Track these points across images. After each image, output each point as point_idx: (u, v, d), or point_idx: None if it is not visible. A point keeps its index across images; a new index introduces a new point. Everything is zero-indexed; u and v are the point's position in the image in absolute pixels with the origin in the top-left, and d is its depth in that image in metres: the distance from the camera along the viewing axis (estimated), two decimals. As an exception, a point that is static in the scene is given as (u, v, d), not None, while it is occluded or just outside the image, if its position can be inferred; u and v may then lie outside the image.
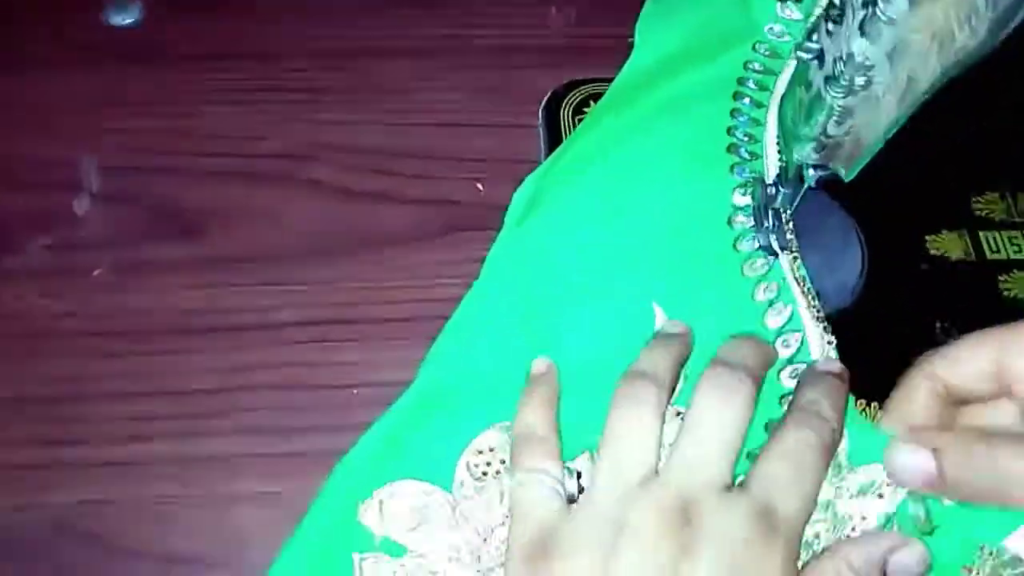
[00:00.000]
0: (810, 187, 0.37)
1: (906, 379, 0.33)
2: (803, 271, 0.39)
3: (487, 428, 0.36)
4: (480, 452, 0.36)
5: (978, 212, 0.44)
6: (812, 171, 0.36)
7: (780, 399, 0.36)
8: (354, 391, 0.39)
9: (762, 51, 0.45)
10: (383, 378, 0.39)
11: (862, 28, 0.30)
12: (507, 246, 0.41)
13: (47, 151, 0.44)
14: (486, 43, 0.48)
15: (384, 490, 0.35)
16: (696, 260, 0.40)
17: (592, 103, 0.45)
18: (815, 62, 0.33)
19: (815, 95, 0.33)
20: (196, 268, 0.42)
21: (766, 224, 0.40)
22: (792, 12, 0.45)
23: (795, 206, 0.39)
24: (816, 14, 0.43)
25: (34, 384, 0.39)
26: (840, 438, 0.33)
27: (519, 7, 0.50)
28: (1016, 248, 0.43)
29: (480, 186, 0.44)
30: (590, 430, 0.34)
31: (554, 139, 0.44)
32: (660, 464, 0.32)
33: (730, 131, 0.43)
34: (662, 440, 0.32)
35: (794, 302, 0.39)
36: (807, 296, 0.39)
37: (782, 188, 0.39)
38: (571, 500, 0.33)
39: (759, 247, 0.40)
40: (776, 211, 0.40)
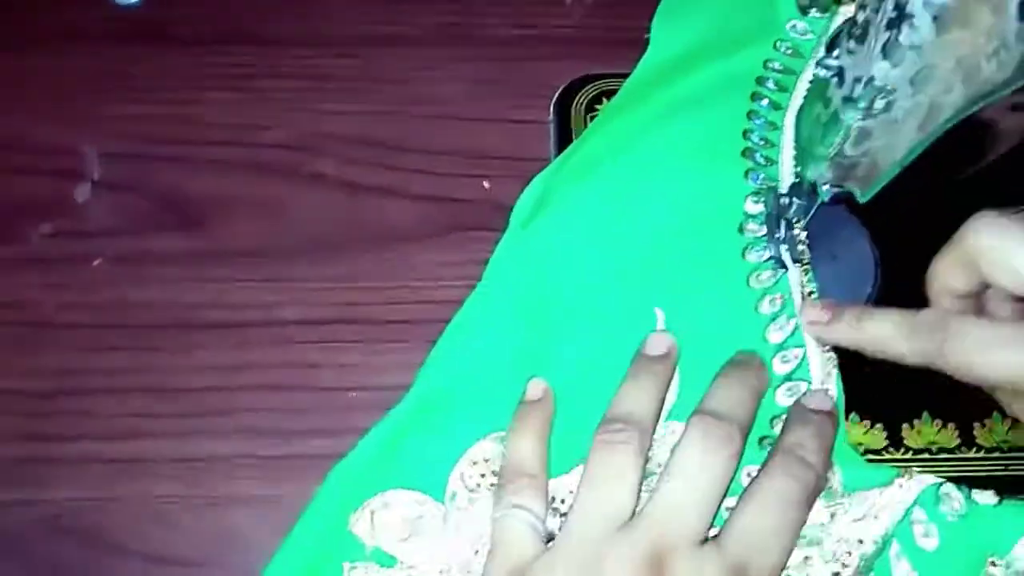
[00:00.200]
0: (823, 202, 0.36)
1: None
2: (812, 286, 0.38)
3: (482, 438, 0.36)
4: (475, 463, 0.36)
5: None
6: (826, 187, 0.35)
7: (771, 420, 0.36)
8: (352, 394, 0.39)
9: (783, 49, 0.43)
10: (383, 382, 0.39)
11: (885, 51, 0.29)
12: (510, 249, 0.40)
13: (47, 136, 0.43)
14: (497, 33, 0.46)
15: (376, 500, 0.35)
16: (703, 267, 0.39)
17: (605, 99, 0.44)
18: (835, 79, 0.32)
19: (833, 114, 0.32)
20: (198, 261, 0.41)
21: (777, 234, 0.39)
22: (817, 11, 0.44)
23: (809, 218, 0.38)
24: (837, 23, 0.42)
25: (30, 377, 0.39)
26: (824, 484, 0.34)
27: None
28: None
29: (487, 183, 0.43)
30: (587, 440, 0.34)
31: (565, 136, 0.43)
32: (638, 507, 0.32)
33: (746, 134, 0.42)
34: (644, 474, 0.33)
35: (798, 317, 0.38)
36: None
37: (796, 200, 0.38)
38: (550, 538, 0.33)
39: (769, 258, 0.39)
40: (789, 222, 0.39)
